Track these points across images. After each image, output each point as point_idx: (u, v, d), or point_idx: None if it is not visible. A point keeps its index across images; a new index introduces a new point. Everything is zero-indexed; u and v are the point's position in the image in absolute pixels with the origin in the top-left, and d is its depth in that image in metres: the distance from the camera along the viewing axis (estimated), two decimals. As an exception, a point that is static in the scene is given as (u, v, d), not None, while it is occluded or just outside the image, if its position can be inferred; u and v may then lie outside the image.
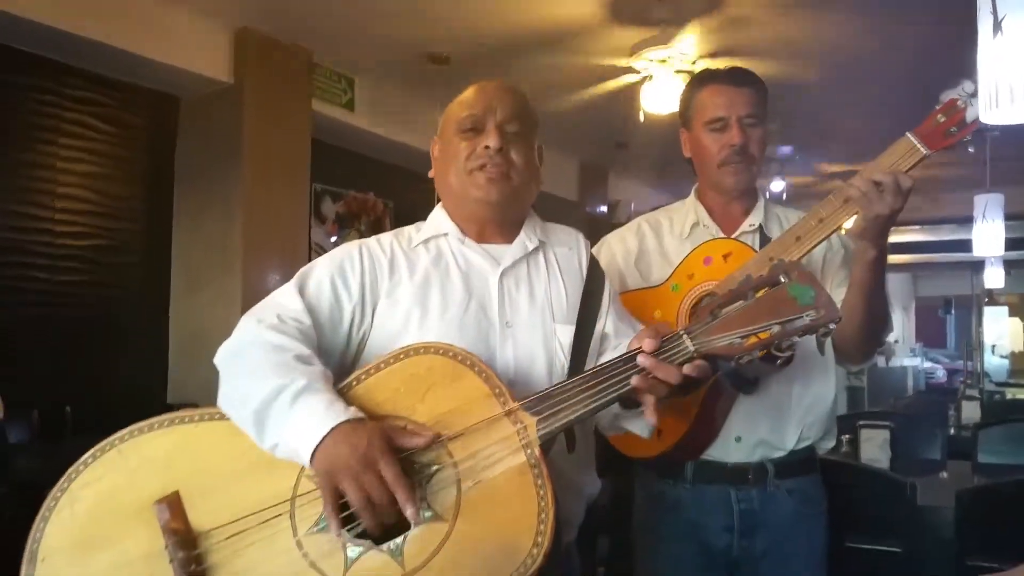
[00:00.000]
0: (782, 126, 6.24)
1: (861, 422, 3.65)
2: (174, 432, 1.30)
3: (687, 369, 1.24)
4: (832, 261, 1.86)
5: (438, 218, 1.55)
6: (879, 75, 5.19)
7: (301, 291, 1.41)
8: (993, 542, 2.35)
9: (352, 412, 1.21)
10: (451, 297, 1.44)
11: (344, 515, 1.19)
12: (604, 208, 8.12)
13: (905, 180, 1.57)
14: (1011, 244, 6.13)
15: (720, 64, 5.01)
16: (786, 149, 7.17)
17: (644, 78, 5.17)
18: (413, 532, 1.19)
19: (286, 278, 1.50)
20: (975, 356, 11.21)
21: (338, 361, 1.40)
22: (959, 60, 1.68)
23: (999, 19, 1.51)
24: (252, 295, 4.37)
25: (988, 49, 1.53)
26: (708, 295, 1.75)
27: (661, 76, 5.06)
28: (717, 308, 1.26)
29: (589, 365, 1.44)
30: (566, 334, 1.45)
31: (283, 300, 1.40)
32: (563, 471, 1.33)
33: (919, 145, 1.60)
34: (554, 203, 7.73)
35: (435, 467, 1.22)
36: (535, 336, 1.44)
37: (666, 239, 1.93)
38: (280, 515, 1.23)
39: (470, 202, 1.48)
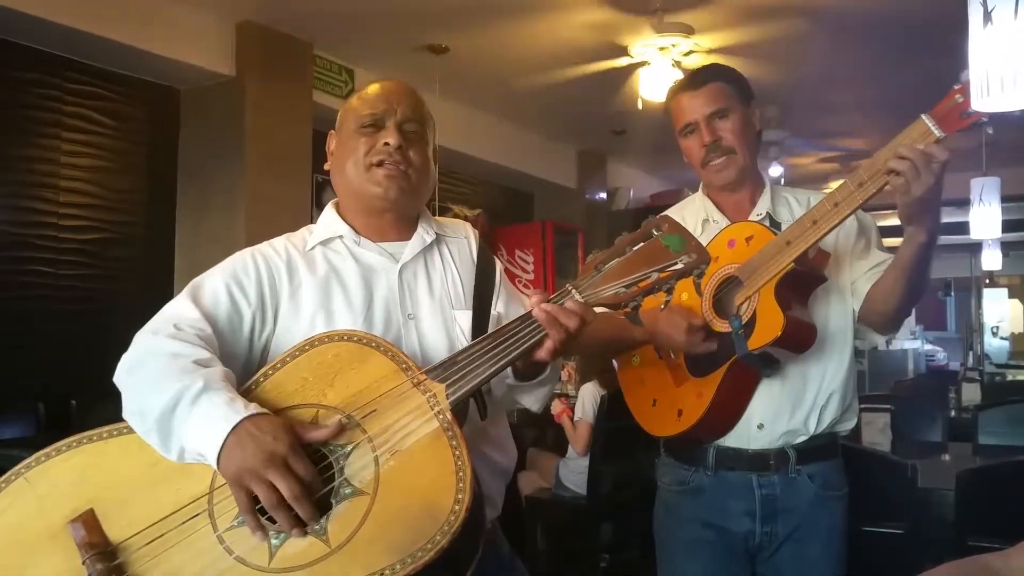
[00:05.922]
0: (780, 112, 6.25)
1: (862, 406, 3.65)
2: (83, 452, 1.29)
3: (572, 306, 1.28)
4: (848, 234, 1.87)
5: (330, 220, 1.56)
6: (874, 52, 5.20)
7: (196, 300, 1.38)
8: (993, 522, 2.37)
9: (253, 408, 1.20)
10: (353, 297, 1.45)
11: (259, 506, 1.19)
12: (603, 195, 8.12)
13: (939, 152, 1.55)
14: (1008, 226, 6.14)
15: (716, 49, 5.04)
16: (780, 133, 7.15)
17: (642, 65, 5.18)
18: (335, 510, 1.20)
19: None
20: (975, 338, 11.22)
21: (243, 367, 1.38)
22: (955, 35, 1.68)
23: (989, 10, 1.53)
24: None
25: (979, 39, 1.55)
26: (728, 277, 1.78)
27: (659, 64, 5.06)
28: (600, 264, 1.34)
29: None
30: (465, 319, 1.50)
31: (179, 310, 1.37)
32: (476, 447, 1.34)
33: (933, 128, 1.57)
34: (554, 190, 7.73)
35: (351, 446, 1.24)
36: (436, 324, 1.47)
37: None
38: (198, 514, 1.22)
39: (368, 197, 1.50)
